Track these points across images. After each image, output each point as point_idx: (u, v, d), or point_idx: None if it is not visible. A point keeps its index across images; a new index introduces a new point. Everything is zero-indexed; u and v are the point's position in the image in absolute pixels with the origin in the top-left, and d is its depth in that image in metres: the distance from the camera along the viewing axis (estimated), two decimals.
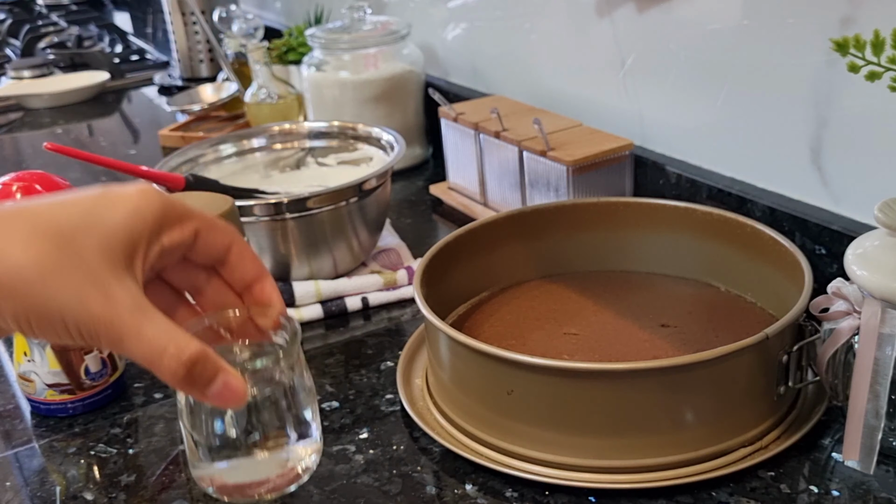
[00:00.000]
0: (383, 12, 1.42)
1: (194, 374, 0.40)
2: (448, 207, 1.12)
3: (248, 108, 1.35)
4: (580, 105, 1.06)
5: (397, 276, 0.91)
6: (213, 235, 0.44)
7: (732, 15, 0.85)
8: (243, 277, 0.46)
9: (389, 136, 1.00)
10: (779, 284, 0.73)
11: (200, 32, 1.74)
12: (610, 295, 0.81)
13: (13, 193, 0.71)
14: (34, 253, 0.38)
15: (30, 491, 0.67)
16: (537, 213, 0.84)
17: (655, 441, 0.62)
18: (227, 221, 0.46)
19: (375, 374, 0.78)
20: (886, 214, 0.59)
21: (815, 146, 0.79)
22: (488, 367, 0.64)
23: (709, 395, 0.62)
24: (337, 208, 0.88)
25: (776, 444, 0.64)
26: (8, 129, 1.63)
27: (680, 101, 0.93)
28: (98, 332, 0.39)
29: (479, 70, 1.25)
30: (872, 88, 0.58)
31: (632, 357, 0.71)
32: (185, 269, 0.46)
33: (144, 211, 0.41)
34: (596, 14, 1.00)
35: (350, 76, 1.20)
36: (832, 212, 0.79)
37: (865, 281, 0.59)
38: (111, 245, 0.40)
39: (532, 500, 0.62)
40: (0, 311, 0.39)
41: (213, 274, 0.46)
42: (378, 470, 0.66)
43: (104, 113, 1.71)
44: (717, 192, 0.87)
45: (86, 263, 0.39)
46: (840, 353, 0.63)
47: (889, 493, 0.60)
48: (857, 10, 0.72)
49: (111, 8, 2.81)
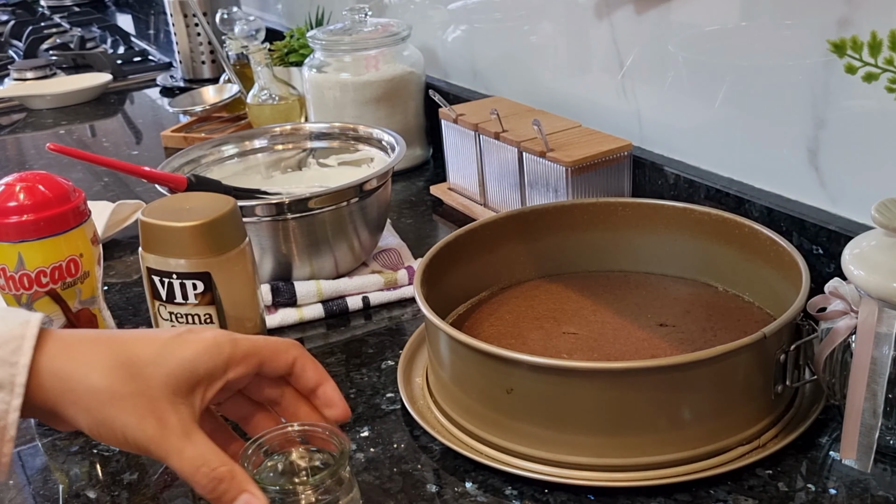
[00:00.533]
0: (384, 14, 1.43)
1: (219, 490, 0.49)
2: (448, 208, 1.12)
3: (250, 110, 1.36)
4: (579, 106, 1.06)
5: (398, 276, 0.92)
6: (276, 360, 0.54)
7: (730, 16, 0.86)
8: (307, 385, 0.55)
9: (390, 137, 1.00)
10: (776, 284, 0.73)
11: (202, 34, 1.74)
12: (609, 294, 0.82)
13: (16, 194, 0.71)
14: (109, 380, 0.48)
15: (33, 489, 0.67)
16: (537, 214, 0.84)
17: (654, 439, 0.62)
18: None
19: (376, 373, 0.79)
20: (883, 214, 0.59)
21: (813, 147, 0.80)
22: (488, 366, 0.64)
23: (707, 393, 0.62)
24: (338, 209, 0.88)
25: (774, 443, 0.64)
26: (11, 130, 1.64)
27: (678, 102, 0.93)
28: (150, 448, 0.48)
29: (479, 71, 1.26)
30: (869, 89, 0.59)
31: (630, 356, 0.72)
32: (260, 385, 0.56)
33: (213, 351, 0.51)
34: (595, 16, 1.01)
35: (351, 77, 1.21)
36: (829, 212, 0.80)
37: (862, 280, 0.59)
38: (176, 378, 0.49)
39: (531, 497, 0.62)
40: (76, 418, 0.48)
41: (284, 384, 0.56)
42: (379, 468, 0.66)
43: (107, 114, 1.71)
44: (715, 193, 0.87)
45: (150, 392, 0.48)
46: (837, 353, 0.63)
47: (886, 492, 0.60)
48: (855, 11, 0.72)
49: (113, 9, 2.81)
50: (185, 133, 1.44)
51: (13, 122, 1.68)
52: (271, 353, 0.54)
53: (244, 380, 0.54)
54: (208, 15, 1.69)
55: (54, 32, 2.28)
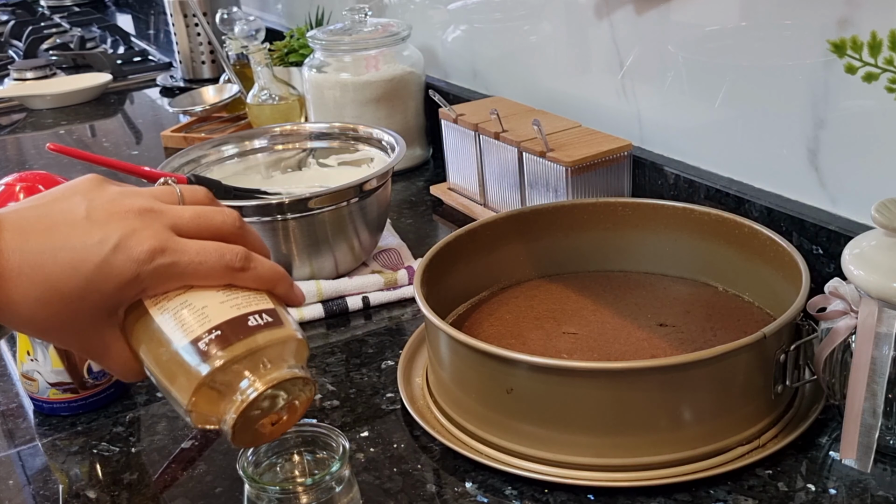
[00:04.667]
0: (384, 14, 1.43)
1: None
2: (448, 208, 1.12)
3: (250, 110, 1.36)
4: (579, 106, 1.06)
5: (398, 276, 0.92)
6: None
7: (730, 16, 0.86)
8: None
9: (390, 137, 1.00)
10: (776, 284, 0.73)
11: (202, 34, 1.74)
12: (609, 294, 0.82)
13: (16, 194, 0.71)
14: (45, 313, 0.49)
15: (33, 489, 0.67)
16: (536, 214, 0.84)
17: (654, 439, 0.62)
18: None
19: (376, 372, 0.79)
20: (883, 214, 0.59)
21: (813, 147, 0.80)
22: (488, 365, 0.64)
23: (707, 393, 0.62)
24: (338, 209, 0.88)
25: (774, 443, 0.64)
26: (11, 130, 1.63)
27: (678, 103, 0.93)
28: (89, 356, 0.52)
29: (479, 71, 1.26)
30: (869, 89, 0.59)
31: (630, 356, 0.72)
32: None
33: (133, 284, 0.50)
34: (594, 16, 1.01)
35: (351, 78, 1.21)
36: (829, 212, 0.80)
37: (862, 280, 0.59)
38: (101, 309, 0.49)
39: (531, 497, 0.62)
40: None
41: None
42: (378, 468, 0.66)
43: (107, 114, 1.71)
44: (714, 193, 0.88)
45: (82, 320, 0.50)
46: (837, 353, 0.63)
47: (886, 492, 0.60)
48: (855, 11, 0.72)
49: (113, 9, 2.81)
50: (185, 133, 1.44)
51: (13, 122, 1.68)
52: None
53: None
54: (208, 15, 1.69)
55: (54, 32, 2.28)
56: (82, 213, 0.49)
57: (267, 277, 0.52)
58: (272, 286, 0.52)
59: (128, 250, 0.48)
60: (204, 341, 0.48)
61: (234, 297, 0.50)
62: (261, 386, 0.48)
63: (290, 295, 0.53)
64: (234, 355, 0.47)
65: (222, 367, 0.47)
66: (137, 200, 0.50)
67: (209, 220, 0.52)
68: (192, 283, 0.50)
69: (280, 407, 0.49)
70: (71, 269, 0.48)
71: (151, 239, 0.49)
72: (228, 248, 0.50)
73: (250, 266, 0.51)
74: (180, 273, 0.49)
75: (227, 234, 0.52)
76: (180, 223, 0.51)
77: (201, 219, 0.52)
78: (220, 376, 0.47)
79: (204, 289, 0.50)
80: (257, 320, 0.49)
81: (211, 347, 0.47)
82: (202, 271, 0.50)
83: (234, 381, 0.48)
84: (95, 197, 0.50)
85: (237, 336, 0.48)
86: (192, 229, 0.51)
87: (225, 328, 0.48)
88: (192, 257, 0.49)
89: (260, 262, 0.51)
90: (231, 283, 0.50)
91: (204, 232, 0.51)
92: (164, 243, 0.49)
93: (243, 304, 0.50)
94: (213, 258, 0.50)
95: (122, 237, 0.48)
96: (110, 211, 0.49)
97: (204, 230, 0.51)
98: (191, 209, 0.52)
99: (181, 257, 0.49)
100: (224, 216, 0.53)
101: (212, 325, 0.48)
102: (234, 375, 0.48)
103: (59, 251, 0.48)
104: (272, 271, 0.52)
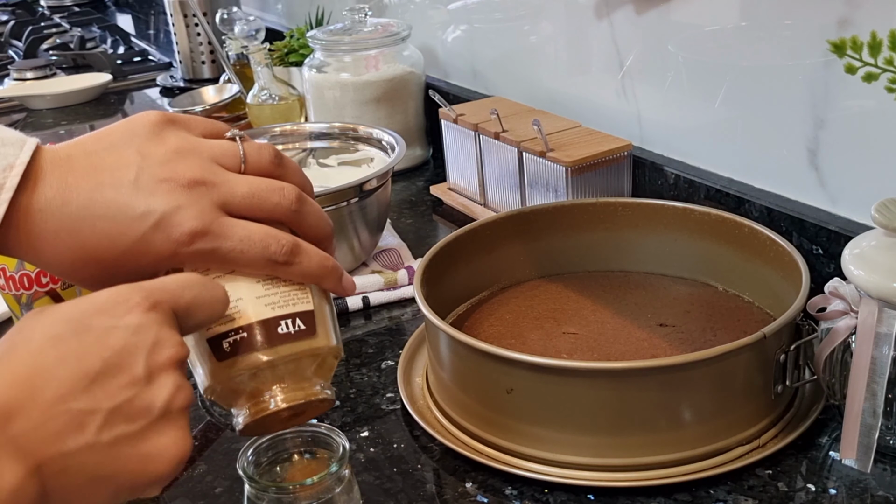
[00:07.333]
0: (384, 14, 1.43)
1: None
2: (448, 208, 1.12)
3: (250, 110, 1.36)
4: (579, 106, 1.06)
5: (398, 276, 0.92)
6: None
7: (730, 16, 0.86)
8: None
9: (390, 137, 1.00)
10: (776, 284, 0.73)
11: (202, 34, 1.74)
12: (608, 294, 0.82)
13: None
14: (80, 275, 0.47)
15: None
16: (536, 214, 0.84)
17: (654, 439, 0.62)
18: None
19: (376, 372, 0.79)
20: (883, 214, 0.59)
21: (813, 147, 0.80)
22: (488, 366, 0.64)
23: (707, 393, 0.62)
24: (338, 208, 0.88)
25: (774, 443, 0.64)
26: None
27: (678, 102, 0.93)
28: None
29: (479, 71, 1.26)
30: (869, 89, 0.59)
31: (630, 356, 0.72)
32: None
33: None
34: (594, 16, 1.01)
35: (351, 78, 1.21)
36: (829, 212, 0.80)
37: (862, 280, 0.59)
38: (137, 275, 0.45)
39: (531, 497, 0.62)
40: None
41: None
42: (378, 468, 0.66)
43: (107, 114, 1.71)
44: (714, 193, 0.88)
45: (118, 280, 0.44)
46: (837, 353, 0.63)
47: (886, 492, 0.60)
48: (855, 11, 0.72)
49: (113, 9, 2.81)
50: None
51: (13, 122, 1.68)
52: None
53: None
54: (208, 15, 1.69)
55: (54, 32, 2.28)
56: (131, 177, 0.46)
57: (313, 273, 0.48)
58: (319, 281, 0.49)
59: (168, 229, 0.45)
60: (228, 341, 0.46)
61: (273, 293, 0.47)
62: (282, 404, 0.46)
63: (338, 288, 0.50)
64: (254, 364, 0.45)
65: (240, 372, 0.46)
66: (192, 166, 0.47)
67: (263, 200, 0.48)
68: (233, 269, 0.47)
69: (294, 413, 0.49)
70: (108, 241, 0.45)
71: (194, 220, 0.46)
72: (275, 239, 0.47)
73: (295, 261, 0.48)
74: (221, 258, 0.47)
75: (281, 216, 0.49)
76: (232, 201, 0.47)
77: (255, 198, 0.48)
78: (238, 379, 0.46)
79: (245, 275, 0.47)
80: (288, 327, 0.46)
81: (233, 349, 0.45)
82: (243, 260, 0.47)
83: (253, 386, 0.46)
84: (149, 154, 0.47)
85: (263, 343, 0.46)
86: (243, 208, 0.48)
87: (251, 331, 0.46)
88: (235, 244, 0.46)
89: (307, 256, 0.48)
90: (273, 275, 0.48)
91: (256, 212, 0.48)
92: (208, 226, 0.46)
93: (280, 302, 0.47)
94: (256, 249, 0.47)
95: (165, 214, 0.45)
96: (160, 177, 0.46)
97: (256, 210, 0.48)
98: (246, 185, 0.48)
99: (223, 243, 0.46)
100: (281, 196, 0.49)
101: (239, 325, 0.46)
102: (253, 381, 0.46)
103: (99, 220, 0.45)
104: (319, 266, 0.49)
